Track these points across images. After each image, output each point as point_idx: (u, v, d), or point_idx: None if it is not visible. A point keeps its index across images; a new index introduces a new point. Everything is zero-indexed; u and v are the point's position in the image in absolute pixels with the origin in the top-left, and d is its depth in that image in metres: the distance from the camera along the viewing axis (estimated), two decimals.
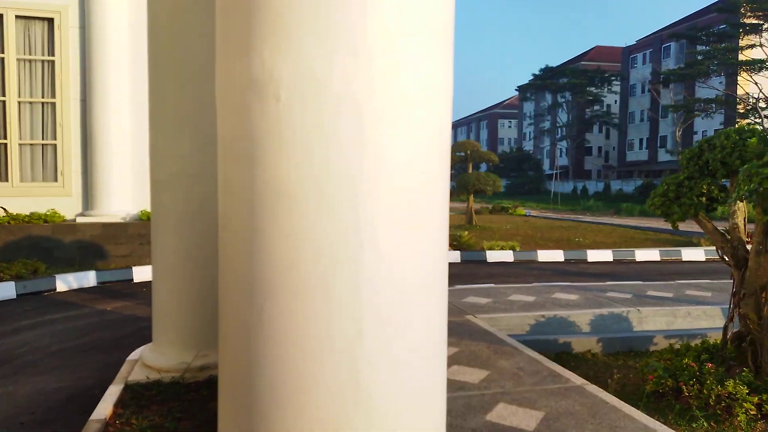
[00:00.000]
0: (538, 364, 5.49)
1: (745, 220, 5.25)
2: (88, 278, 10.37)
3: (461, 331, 6.63)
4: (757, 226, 4.83)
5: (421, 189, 2.11)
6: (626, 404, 4.49)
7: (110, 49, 11.57)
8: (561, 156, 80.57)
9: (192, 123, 4.60)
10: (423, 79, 2.08)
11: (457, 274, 11.92)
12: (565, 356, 6.80)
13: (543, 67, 75.78)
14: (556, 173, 58.02)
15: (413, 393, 2.14)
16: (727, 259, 5.21)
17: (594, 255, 15.02)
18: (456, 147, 23.62)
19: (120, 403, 4.60)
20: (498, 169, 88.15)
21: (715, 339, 5.92)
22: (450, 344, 6.08)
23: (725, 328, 5.32)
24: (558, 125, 79.46)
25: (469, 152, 23.50)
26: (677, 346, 6.28)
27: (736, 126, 5.76)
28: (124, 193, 11.88)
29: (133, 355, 5.67)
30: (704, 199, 5.18)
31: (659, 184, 5.57)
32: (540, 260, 14.51)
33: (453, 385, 4.90)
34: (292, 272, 1.97)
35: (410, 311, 2.11)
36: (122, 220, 11.75)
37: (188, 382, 4.84)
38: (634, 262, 14.77)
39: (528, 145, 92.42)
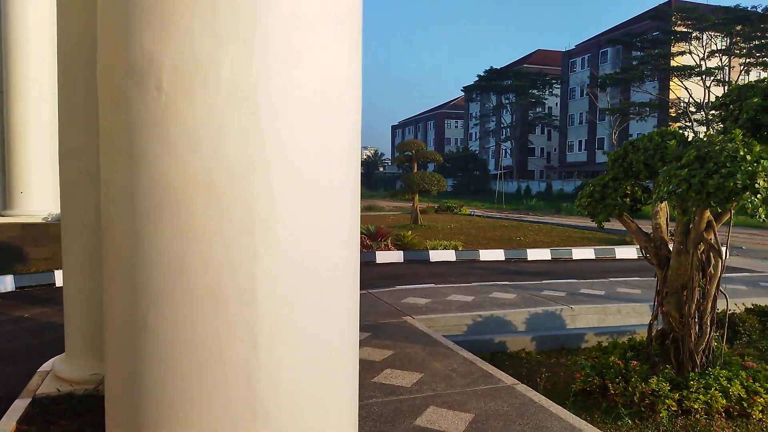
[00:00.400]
0: (472, 365, 5.47)
1: (667, 221, 5.39)
2: (5, 282, 9.72)
3: (397, 333, 6.55)
4: (677, 226, 4.96)
5: (328, 186, 1.98)
6: (554, 404, 4.51)
7: (30, 43, 10.86)
8: (506, 156, 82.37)
9: None
10: (327, 71, 1.95)
11: (399, 275, 11.89)
12: (500, 355, 6.84)
13: (487, 68, 77.21)
14: (500, 173, 59.23)
15: (319, 406, 2.01)
16: (650, 258, 5.33)
17: (534, 254, 15.32)
18: (400, 146, 23.66)
19: (25, 419, 4.25)
20: (445, 169, 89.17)
21: (642, 336, 6.07)
22: (385, 347, 5.99)
23: (650, 326, 5.45)
24: (502, 126, 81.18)
25: (414, 152, 23.58)
26: (605, 344, 6.43)
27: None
28: (45, 191, 11.20)
29: (45, 366, 5.29)
30: (628, 199, 5.29)
31: (586, 185, 5.66)
32: (482, 259, 14.67)
33: (384, 390, 4.81)
34: (178, 279, 1.80)
35: (316, 319, 1.98)
36: (43, 221, 11.07)
37: (103, 395, 4.54)
38: (571, 260, 15.15)
39: (474, 146, 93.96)
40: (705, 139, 4.34)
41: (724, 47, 52.03)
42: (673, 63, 52.26)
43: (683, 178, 4.11)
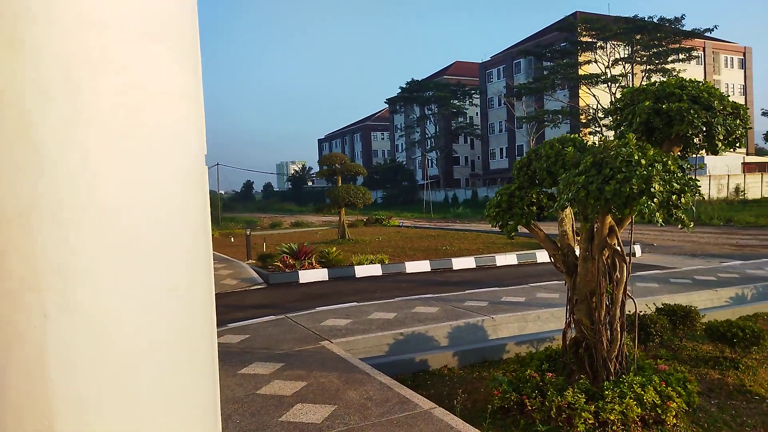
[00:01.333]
0: (389, 390, 5.19)
1: (573, 227, 5.36)
2: None
3: (313, 361, 6.18)
4: (582, 233, 4.92)
5: (154, 225, 1.63)
6: (471, 427, 4.30)
7: None
8: (432, 166, 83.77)
9: None
10: (150, 82, 1.61)
11: (323, 294, 11.50)
12: (422, 375, 6.61)
13: (409, 80, 78.37)
14: (426, 183, 60.04)
15: None
16: (559, 266, 5.27)
17: (459, 263, 15.36)
18: (323, 160, 23.31)
19: None
20: (373, 181, 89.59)
21: (560, 342, 6.03)
22: (298, 378, 5.61)
23: (564, 334, 5.39)
24: (427, 136, 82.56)
25: (337, 165, 23.29)
26: (525, 354, 6.35)
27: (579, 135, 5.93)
28: None
29: None
30: (534, 207, 5.22)
31: (494, 194, 5.56)
32: (408, 271, 14.53)
33: (292, 429, 4.43)
34: None
35: (139, 397, 1.59)
36: None
37: None
38: (494, 267, 15.30)
39: (401, 157, 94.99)
40: (600, 144, 4.30)
41: (626, 55, 55.38)
42: (580, 71, 54.99)
43: (581, 185, 4.03)
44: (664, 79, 4.82)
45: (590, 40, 55.32)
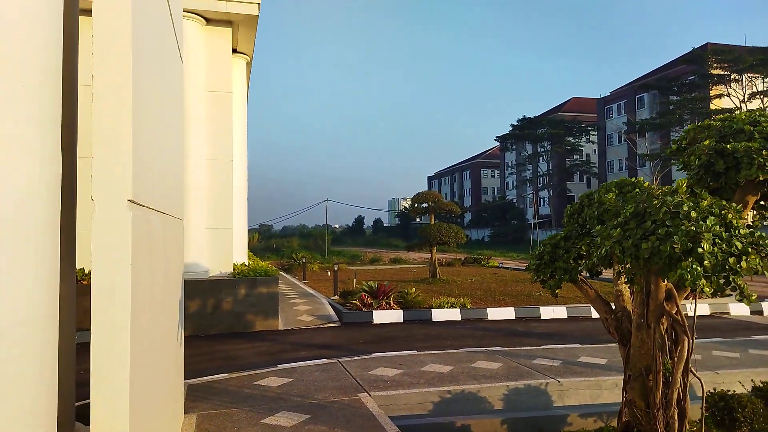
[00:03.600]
0: None
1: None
2: None
3: (340, 416, 5.76)
4: (635, 297, 4.12)
5: None
6: None
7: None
8: (543, 205, 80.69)
9: None
10: None
11: (391, 338, 11.05)
12: None
13: (521, 117, 76.78)
14: (535, 222, 57.68)
15: None
16: (612, 331, 4.46)
17: (548, 312, 14.19)
18: (416, 198, 23.05)
19: None
20: (481, 219, 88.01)
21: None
22: None
23: (619, 415, 4.52)
24: (539, 174, 79.92)
25: (430, 203, 22.93)
26: (588, 430, 5.47)
27: None
28: None
29: None
30: (584, 261, 4.48)
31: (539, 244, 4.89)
32: (489, 318, 13.65)
33: None
34: None
35: None
36: None
37: None
38: (588, 318, 13.94)
39: (511, 194, 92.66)
40: (644, 191, 3.56)
41: (765, 89, 50.15)
42: (712, 106, 50.63)
43: (616, 240, 3.33)
44: None
45: (722, 72, 50.91)
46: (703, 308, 14.66)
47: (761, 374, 7.68)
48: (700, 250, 3.00)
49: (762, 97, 48.54)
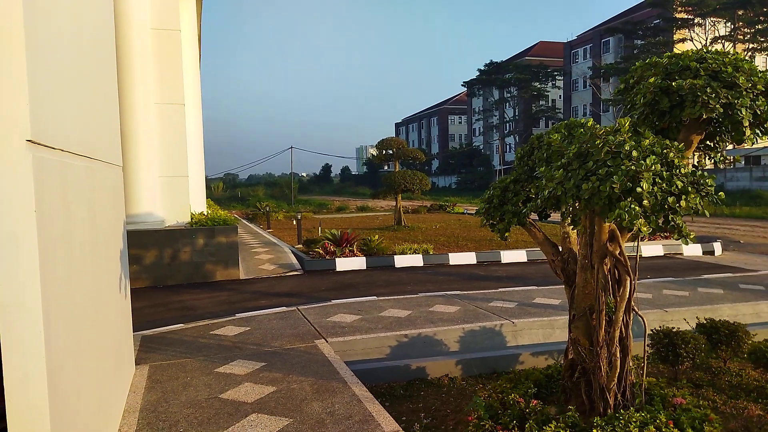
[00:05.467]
0: (357, 405, 4.66)
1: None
2: None
3: (296, 363, 5.76)
4: (581, 237, 4.12)
5: None
6: None
7: (135, 59, 11.17)
8: (509, 151, 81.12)
9: None
10: None
11: (353, 284, 11.09)
12: (417, 383, 6.02)
13: (488, 62, 76.00)
14: (502, 169, 58.18)
15: None
16: (558, 272, 4.49)
17: (508, 255, 14.43)
18: (380, 145, 22.80)
19: None
20: (448, 166, 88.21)
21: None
22: (270, 382, 5.20)
23: (566, 353, 4.61)
24: (506, 120, 79.94)
25: (394, 150, 22.74)
26: (541, 367, 5.59)
27: None
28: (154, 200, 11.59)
29: None
30: (530, 204, 4.44)
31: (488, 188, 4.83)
32: (451, 263, 13.82)
33: None
34: None
35: None
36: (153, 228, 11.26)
37: None
38: (545, 261, 14.23)
39: (478, 141, 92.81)
40: (587, 131, 3.49)
41: (727, 33, 50.54)
42: (675, 50, 50.91)
43: (558, 181, 3.27)
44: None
45: (686, 16, 50.98)
46: (657, 249, 15.12)
47: (707, 312, 7.99)
48: (639, 189, 2.96)
49: (724, 41, 48.98)
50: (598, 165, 3.16)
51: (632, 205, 2.93)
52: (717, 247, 15.57)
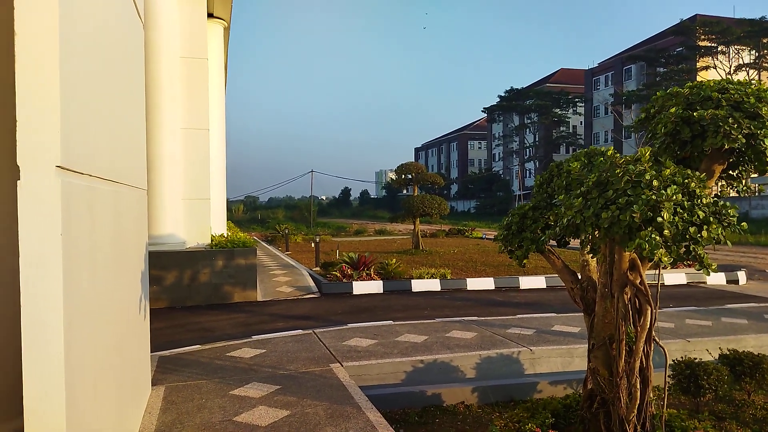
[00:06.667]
0: (371, 431, 4.62)
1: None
2: None
3: (311, 387, 5.74)
4: (600, 266, 4.08)
5: None
6: None
7: (163, 83, 11.47)
8: (529, 176, 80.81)
9: None
10: None
11: (369, 308, 11.06)
12: (432, 410, 5.95)
13: (508, 89, 76.33)
14: (521, 194, 57.91)
15: None
16: (577, 301, 4.44)
17: (527, 282, 14.30)
18: (399, 169, 22.92)
19: None
20: (467, 191, 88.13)
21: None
22: (285, 406, 5.19)
23: (585, 383, 4.54)
24: (526, 146, 79.88)
25: (413, 175, 22.83)
26: (558, 397, 5.50)
27: None
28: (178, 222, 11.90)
29: None
30: (548, 231, 4.42)
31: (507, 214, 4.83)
32: (468, 288, 13.72)
33: None
34: None
35: None
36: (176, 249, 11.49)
37: None
38: (564, 287, 14.04)
39: (498, 166, 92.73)
40: (607, 159, 3.49)
41: (751, 61, 50.19)
42: (698, 78, 50.62)
43: (578, 209, 3.27)
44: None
45: (710, 44, 50.77)
46: (680, 277, 14.84)
47: (731, 342, 7.80)
48: (659, 219, 2.94)
49: (748, 69, 48.62)
50: (618, 194, 3.15)
51: (653, 235, 2.91)
52: (741, 276, 15.25)
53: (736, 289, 13.84)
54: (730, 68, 50.20)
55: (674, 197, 3.00)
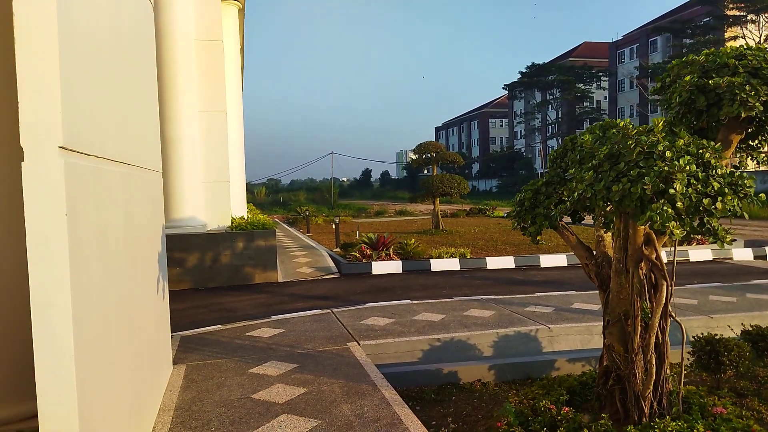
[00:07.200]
0: (386, 408, 4.66)
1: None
2: None
3: (328, 365, 5.80)
4: (615, 241, 4.01)
5: None
6: None
7: (179, 67, 11.64)
8: None
9: None
10: None
11: (388, 288, 11.10)
12: (449, 388, 5.97)
13: (529, 64, 74.99)
14: (543, 172, 57.15)
15: None
16: (592, 277, 4.38)
17: (547, 260, 14.18)
18: (418, 149, 22.78)
19: None
20: (489, 169, 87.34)
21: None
22: (302, 383, 5.26)
23: (600, 360, 4.49)
24: (548, 123, 78.65)
25: (433, 154, 22.67)
26: (576, 374, 5.47)
27: None
28: (197, 204, 12.12)
29: None
30: (559, 206, 4.35)
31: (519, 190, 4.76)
32: (488, 267, 13.66)
33: None
34: None
35: None
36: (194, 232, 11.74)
37: None
38: None
39: (520, 144, 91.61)
40: (622, 131, 3.39)
41: None
42: (727, 48, 49.03)
43: (588, 183, 3.20)
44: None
45: (738, 13, 49.04)
46: (706, 253, 14.57)
47: (755, 318, 7.65)
48: (672, 191, 2.86)
49: None
50: (629, 166, 3.07)
51: (665, 207, 2.84)
52: None
53: (763, 265, 13.53)
54: (760, 38, 48.49)
55: (687, 168, 2.91)
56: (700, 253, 14.52)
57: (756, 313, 7.84)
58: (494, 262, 13.90)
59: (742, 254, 14.64)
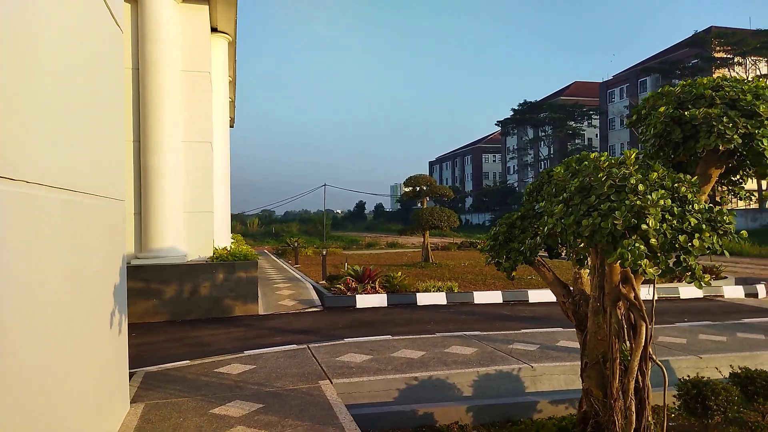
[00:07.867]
0: None
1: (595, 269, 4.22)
2: None
3: (294, 405, 5.49)
4: (591, 278, 3.81)
5: None
6: None
7: (165, 97, 11.56)
8: None
9: None
10: None
11: (371, 322, 10.79)
12: (424, 431, 5.66)
13: (522, 102, 76.03)
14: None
15: None
16: (569, 315, 4.16)
17: (537, 295, 13.92)
18: (408, 182, 22.69)
19: None
20: (482, 203, 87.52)
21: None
22: (265, 425, 4.95)
23: (579, 404, 4.24)
24: (540, 159, 79.32)
25: (423, 187, 22.57)
26: (558, 417, 5.19)
27: None
28: (178, 234, 11.93)
29: None
30: (529, 241, 4.16)
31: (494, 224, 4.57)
32: (475, 302, 13.39)
33: None
34: None
35: None
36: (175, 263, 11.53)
37: None
38: None
39: (512, 179, 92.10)
40: (590, 163, 3.23)
41: None
42: None
43: (558, 216, 3.01)
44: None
45: (726, 55, 50.10)
46: (696, 291, 14.35)
47: (745, 359, 7.42)
48: (644, 226, 2.68)
49: (766, 80, 47.84)
50: (600, 200, 2.89)
51: (637, 244, 2.65)
52: (761, 289, 14.73)
53: (754, 303, 13.33)
54: (746, 79, 49.44)
55: (662, 202, 2.74)
56: (690, 291, 14.31)
57: (746, 354, 7.60)
58: (481, 297, 13.63)
59: (733, 292, 14.46)
